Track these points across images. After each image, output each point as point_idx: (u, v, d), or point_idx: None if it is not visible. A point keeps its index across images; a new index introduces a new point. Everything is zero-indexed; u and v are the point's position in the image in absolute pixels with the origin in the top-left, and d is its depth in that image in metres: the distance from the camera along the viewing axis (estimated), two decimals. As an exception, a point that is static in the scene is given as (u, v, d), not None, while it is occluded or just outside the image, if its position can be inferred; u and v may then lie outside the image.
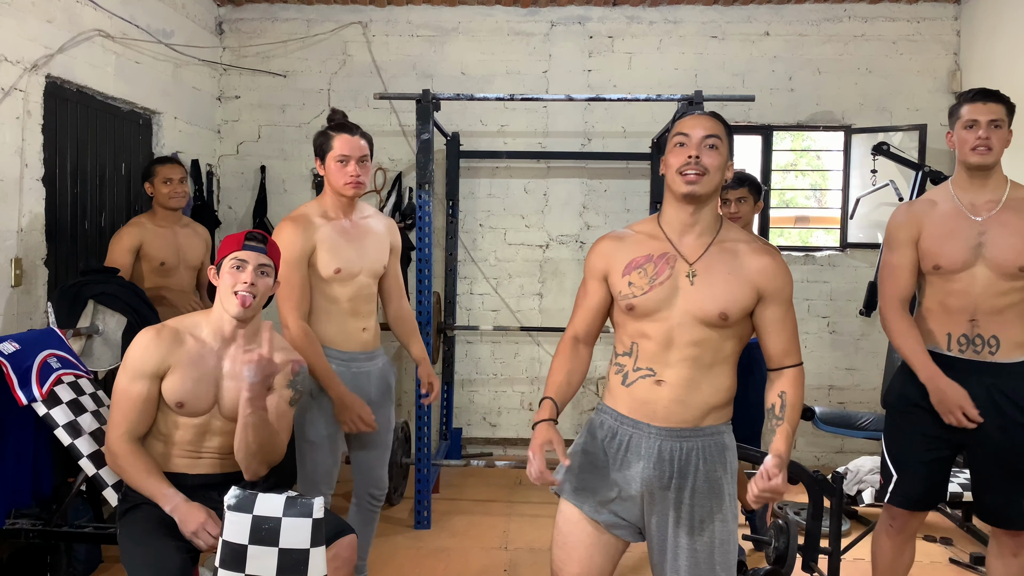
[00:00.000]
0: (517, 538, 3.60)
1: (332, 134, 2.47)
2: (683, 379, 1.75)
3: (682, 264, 1.77)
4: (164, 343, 2.09)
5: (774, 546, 2.43)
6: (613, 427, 1.83)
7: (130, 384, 2.07)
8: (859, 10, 4.72)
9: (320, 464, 2.54)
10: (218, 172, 4.86)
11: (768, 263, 1.77)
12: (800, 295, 4.75)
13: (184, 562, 1.92)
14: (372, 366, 2.62)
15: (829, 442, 4.82)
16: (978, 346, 2.26)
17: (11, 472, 2.46)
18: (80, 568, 3.01)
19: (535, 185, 4.87)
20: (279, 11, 4.83)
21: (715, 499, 1.77)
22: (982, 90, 2.32)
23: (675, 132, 1.79)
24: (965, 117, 2.30)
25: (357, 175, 2.46)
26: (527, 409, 4.93)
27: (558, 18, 4.81)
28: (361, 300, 2.56)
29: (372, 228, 2.61)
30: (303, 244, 2.42)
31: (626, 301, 1.78)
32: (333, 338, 2.51)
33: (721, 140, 1.76)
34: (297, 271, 2.41)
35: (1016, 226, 2.24)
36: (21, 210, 3.03)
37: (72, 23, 3.32)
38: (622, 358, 1.83)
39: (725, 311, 1.72)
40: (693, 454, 1.77)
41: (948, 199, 2.35)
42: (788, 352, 1.81)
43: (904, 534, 2.47)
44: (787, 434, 1.77)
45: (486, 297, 4.89)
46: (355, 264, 2.51)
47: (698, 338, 1.74)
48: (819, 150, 5.85)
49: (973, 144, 2.26)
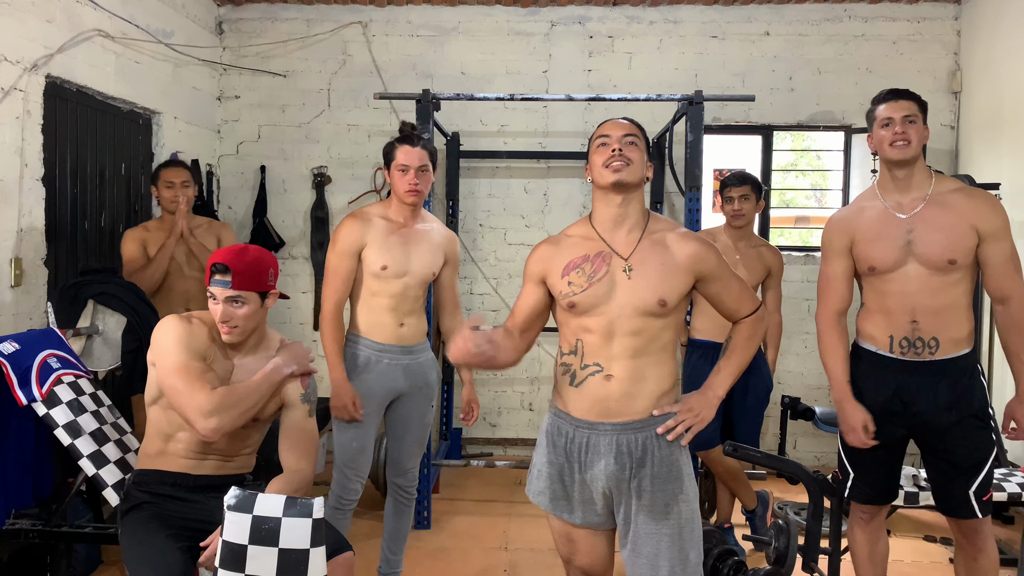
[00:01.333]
0: (517, 538, 3.60)
1: (396, 145, 2.63)
2: (629, 370, 1.85)
3: (617, 260, 1.88)
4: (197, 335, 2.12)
5: (774, 546, 2.43)
6: (569, 432, 1.92)
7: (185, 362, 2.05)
8: (859, 10, 4.72)
9: (344, 447, 2.67)
10: (218, 172, 4.86)
11: (696, 248, 1.88)
12: (800, 295, 4.76)
13: (185, 562, 1.93)
14: (410, 360, 2.73)
15: (829, 442, 4.82)
16: (919, 348, 2.30)
17: (12, 472, 2.47)
18: (80, 568, 3.01)
19: (535, 185, 4.87)
20: (279, 11, 4.83)
21: (675, 481, 1.86)
22: (893, 89, 2.38)
23: (596, 136, 1.92)
24: (881, 116, 2.34)
25: (416, 183, 2.61)
26: (527, 409, 4.93)
27: (558, 18, 4.81)
28: (403, 299, 2.67)
29: (428, 236, 2.74)
30: (355, 238, 2.61)
31: (567, 299, 1.88)
32: (369, 329, 2.67)
33: (639, 139, 1.90)
34: (343, 261, 2.60)
35: (941, 221, 2.26)
36: (21, 210, 3.03)
37: (72, 23, 3.32)
38: (568, 357, 1.92)
39: (663, 298, 1.83)
40: (649, 442, 1.86)
41: (876, 202, 2.39)
42: (739, 308, 1.95)
43: (875, 523, 2.53)
44: (723, 375, 1.94)
45: (486, 297, 4.89)
46: (402, 265, 2.64)
47: (638, 327, 1.84)
48: (819, 150, 5.85)
49: (891, 140, 2.29)
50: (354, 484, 2.68)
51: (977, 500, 2.30)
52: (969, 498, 2.30)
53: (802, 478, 2.50)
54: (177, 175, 3.40)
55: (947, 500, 2.37)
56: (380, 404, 2.70)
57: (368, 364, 2.66)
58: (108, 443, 2.47)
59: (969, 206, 2.27)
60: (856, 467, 2.48)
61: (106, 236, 3.70)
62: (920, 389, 2.31)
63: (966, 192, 2.32)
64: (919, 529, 3.68)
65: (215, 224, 3.63)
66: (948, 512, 2.39)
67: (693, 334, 3.41)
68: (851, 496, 2.50)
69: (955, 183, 2.35)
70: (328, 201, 4.83)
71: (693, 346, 3.40)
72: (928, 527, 3.70)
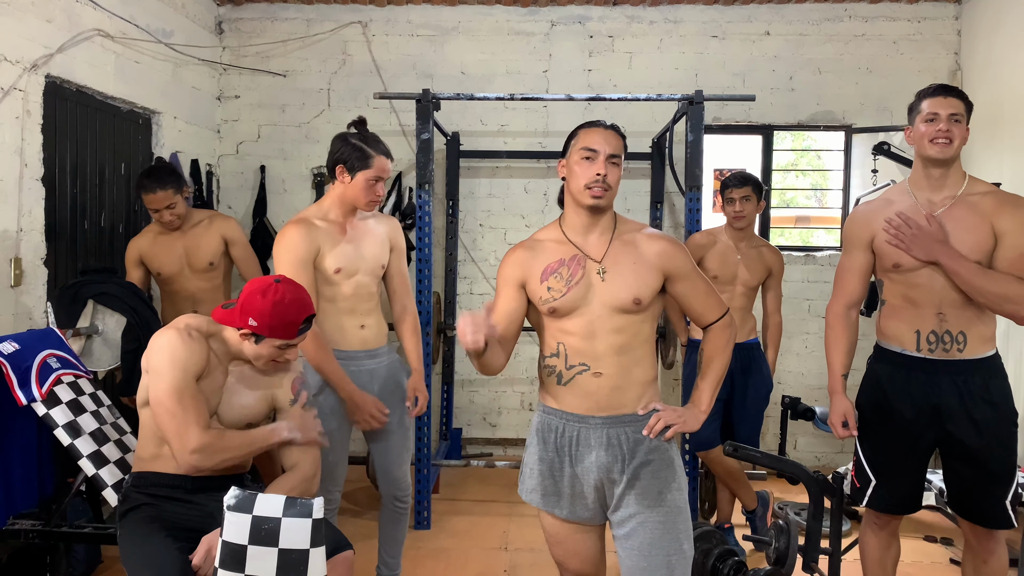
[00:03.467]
0: (517, 538, 3.60)
1: (372, 154, 2.50)
2: (616, 366, 1.89)
3: (591, 263, 1.91)
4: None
5: (774, 546, 2.42)
6: (559, 426, 1.94)
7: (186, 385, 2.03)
8: (860, 10, 4.72)
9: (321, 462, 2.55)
10: (218, 172, 4.86)
11: (665, 246, 1.93)
12: (800, 295, 4.76)
13: (184, 562, 1.92)
14: (376, 364, 2.63)
15: (830, 442, 4.82)
16: (947, 343, 2.25)
17: (17, 474, 2.47)
18: (80, 568, 3.00)
19: (535, 185, 4.87)
20: (279, 11, 4.83)
21: (667, 469, 1.90)
22: (942, 85, 2.32)
23: (582, 145, 1.91)
24: (926, 111, 2.28)
25: (380, 195, 2.56)
26: (527, 409, 4.92)
27: (558, 18, 4.81)
28: (359, 299, 2.59)
29: (371, 229, 2.65)
30: (308, 246, 2.47)
31: (547, 305, 1.91)
32: (331, 336, 2.54)
33: (621, 155, 1.92)
34: (302, 272, 2.44)
35: (969, 221, 2.23)
36: (21, 210, 3.03)
37: (72, 23, 3.32)
38: (551, 359, 1.95)
39: (638, 296, 1.88)
40: (639, 434, 1.90)
41: (906, 197, 2.34)
42: (705, 312, 1.98)
43: (888, 529, 2.48)
44: (703, 388, 1.98)
45: (486, 297, 4.88)
46: (353, 263, 2.56)
47: (618, 325, 1.89)
48: (820, 150, 5.84)
49: (933, 136, 2.24)
50: (334, 495, 2.65)
51: (1012, 509, 2.25)
52: (1005, 507, 2.25)
53: (802, 478, 2.50)
54: (158, 200, 3.17)
55: (977, 508, 2.29)
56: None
57: None
58: (108, 443, 2.47)
59: (994, 208, 2.22)
60: (879, 474, 2.40)
61: (106, 236, 3.70)
62: (951, 390, 2.25)
63: (996, 195, 2.27)
64: (919, 529, 3.68)
65: (217, 218, 3.45)
66: (979, 521, 2.30)
67: (693, 334, 3.41)
68: (870, 504, 2.43)
69: (987, 186, 2.31)
70: (328, 201, 4.82)
71: (693, 346, 3.40)
72: (928, 527, 3.70)
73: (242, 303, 2.05)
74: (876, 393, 2.40)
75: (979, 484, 2.28)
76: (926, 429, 2.31)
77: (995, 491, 2.26)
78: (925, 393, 2.29)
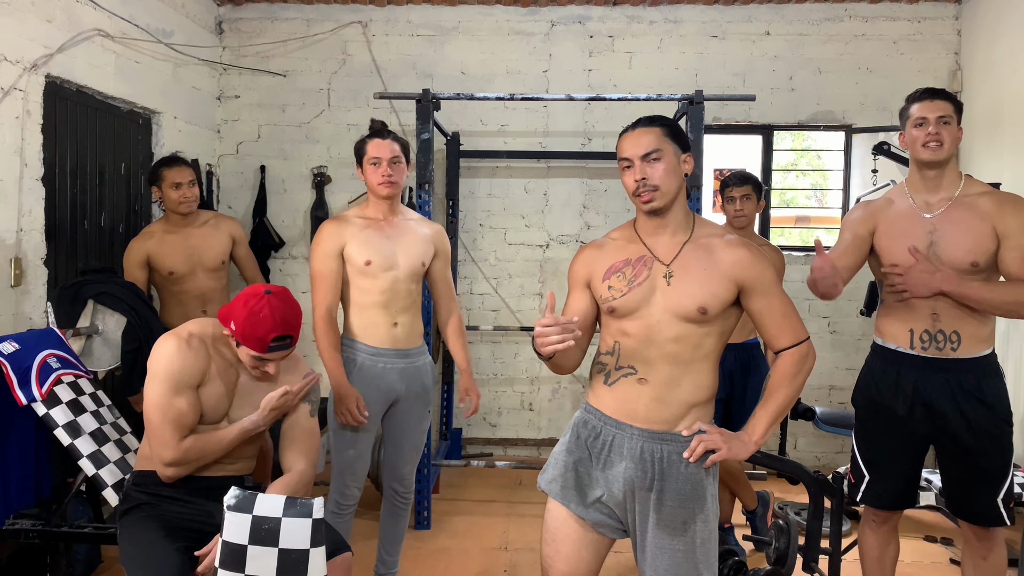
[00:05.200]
0: (517, 538, 3.60)
1: (367, 140, 2.64)
2: (663, 376, 1.79)
3: (659, 266, 1.82)
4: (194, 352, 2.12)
5: (775, 546, 2.43)
6: (596, 426, 1.88)
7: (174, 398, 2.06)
8: (860, 10, 4.72)
9: (341, 454, 2.65)
10: (218, 172, 4.86)
11: (743, 255, 1.78)
12: (800, 295, 4.73)
13: (182, 563, 1.92)
14: (406, 364, 2.69)
15: (830, 442, 4.82)
16: (940, 343, 2.27)
17: (15, 473, 2.47)
18: (80, 568, 3.00)
19: (535, 185, 4.87)
20: (279, 11, 4.82)
21: (697, 502, 1.80)
22: (929, 89, 2.34)
23: (619, 155, 1.86)
24: (915, 116, 2.30)
25: (389, 175, 2.60)
26: (527, 409, 4.92)
27: (558, 17, 4.81)
28: (394, 295, 2.63)
29: (413, 229, 2.73)
30: (334, 240, 2.59)
31: (607, 304, 1.85)
32: (361, 332, 2.63)
33: (661, 148, 1.80)
34: (325, 264, 2.58)
35: (965, 223, 2.24)
36: (21, 210, 3.03)
37: (72, 23, 3.32)
38: (604, 357, 1.88)
39: (703, 305, 1.76)
40: (675, 456, 1.80)
41: (904, 199, 2.37)
42: (778, 335, 1.82)
43: (887, 526, 2.49)
44: (759, 417, 1.83)
45: (486, 297, 4.89)
46: (387, 259, 2.61)
47: (678, 334, 1.78)
48: (820, 150, 5.85)
49: (924, 140, 2.27)
50: (352, 490, 2.67)
51: (1005, 507, 2.27)
52: (997, 506, 2.27)
53: (802, 478, 2.50)
54: (183, 174, 3.32)
55: (970, 507, 2.31)
56: (377, 410, 2.66)
57: (363, 369, 2.62)
58: (108, 443, 2.47)
59: (995, 209, 2.22)
60: (873, 469, 2.43)
61: (106, 236, 3.69)
62: (943, 388, 2.27)
63: (994, 196, 2.27)
64: (919, 529, 3.68)
65: (222, 218, 3.56)
66: (973, 520, 2.32)
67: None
68: (865, 499, 2.45)
69: (984, 187, 2.31)
70: (328, 201, 4.82)
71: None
72: (928, 527, 3.70)
73: (230, 305, 2.09)
74: (870, 389, 2.42)
75: (971, 482, 2.30)
76: (919, 426, 2.33)
77: (987, 490, 2.27)
78: (918, 390, 2.31)
